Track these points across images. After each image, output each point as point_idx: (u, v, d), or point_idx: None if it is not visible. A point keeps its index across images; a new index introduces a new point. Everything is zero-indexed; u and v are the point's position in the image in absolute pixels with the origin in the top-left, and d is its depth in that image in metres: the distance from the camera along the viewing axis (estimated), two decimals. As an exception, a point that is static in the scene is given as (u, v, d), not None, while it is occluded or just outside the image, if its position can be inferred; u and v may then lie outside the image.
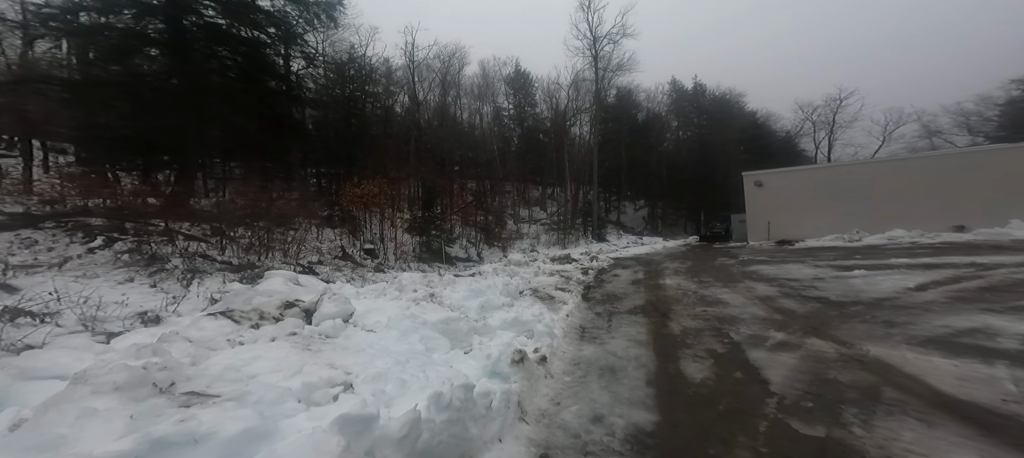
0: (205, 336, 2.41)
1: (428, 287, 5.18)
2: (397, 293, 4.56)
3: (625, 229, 34.54)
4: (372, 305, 3.90)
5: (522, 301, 5.93)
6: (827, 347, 3.71)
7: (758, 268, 9.46)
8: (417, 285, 5.11)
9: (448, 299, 4.99)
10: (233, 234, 8.58)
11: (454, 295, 5.10)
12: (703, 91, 45.23)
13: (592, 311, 6.02)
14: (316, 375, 1.93)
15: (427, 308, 4.07)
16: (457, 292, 5.25)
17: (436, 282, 5.47)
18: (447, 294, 5.14)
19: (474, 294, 5.31)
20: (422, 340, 2.91)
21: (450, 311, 4.46)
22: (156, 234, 7.53)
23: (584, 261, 13.82)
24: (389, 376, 1.90)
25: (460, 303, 4.98)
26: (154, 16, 10.79)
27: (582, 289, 8.25)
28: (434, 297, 4.78)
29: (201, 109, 11.38)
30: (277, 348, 2.31)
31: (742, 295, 6.29)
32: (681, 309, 5.72)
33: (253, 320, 2.78)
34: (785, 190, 18.19)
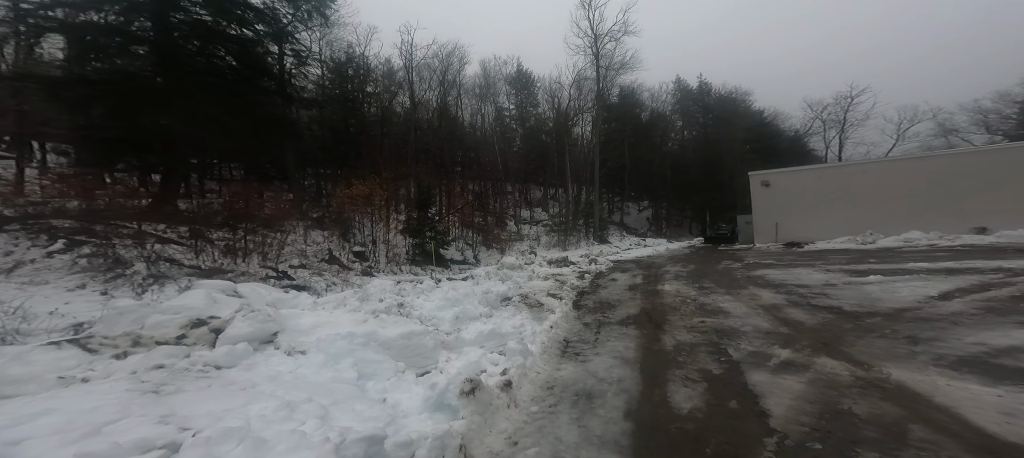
0: (27, 373, 1.93)
1: (399, 295, 4.76)
2: (359, 304, 4.15)
3: (628, 230, 33.89)
4: (323, 319, 3.49)
5: (503, 310, 5.49)
6: (840, 369, 3.21)
7: (764, 272, 8.89)
8: (386, 293, 4.69)
9: (419, 309, 4.57)
10: (210, 237, 8.28)
11: (427, 305, 4.68)
12: (708, 90, 44.44)
13: (581, 321, 5.55)
14: (125, 436, 1.48)
15: (387, 322, 3.64)
16: (431, 301, 4.83)
17: (408, 290, 5.05)
18: (419, 303, 4.72)
19: (450, 303, 4.88)
20: (357, 365, 2.48)
21: (417, 324, 4.04)
22: (128, 237, 7.24)
23: (582, 264, 13.33)
24: (249, 431, 1.45)
25: (432, 314, 4.56)
26: (140, 13, 10.60)
27: (575, 295, 7.79)
28: (403, 307, 4.36)
29: (189, 108, 11.16)
30: (102, 392, 1.84)
31: (745, 303, 5.77)
32: (677, 320, 5.23)
33: (121, 347, 2.37)
34: (794, 190, 17.49)
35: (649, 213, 40.07)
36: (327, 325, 3.29)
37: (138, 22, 10.69)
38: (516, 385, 2.99)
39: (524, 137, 38.07)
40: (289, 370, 2.37)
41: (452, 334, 4.35)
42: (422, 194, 15.22)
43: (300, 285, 6.92)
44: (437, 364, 3.59)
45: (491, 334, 4.55)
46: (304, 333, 3.05)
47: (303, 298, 4.14)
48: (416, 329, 3.63)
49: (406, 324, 3.67)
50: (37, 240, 6.35)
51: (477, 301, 5.01)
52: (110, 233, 7.04)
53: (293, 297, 4.10)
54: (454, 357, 3.79)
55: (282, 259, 8.77)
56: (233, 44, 12.08)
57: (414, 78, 27.32)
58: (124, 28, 10.45)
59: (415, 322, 4.05)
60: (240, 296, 3.25)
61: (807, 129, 36.58)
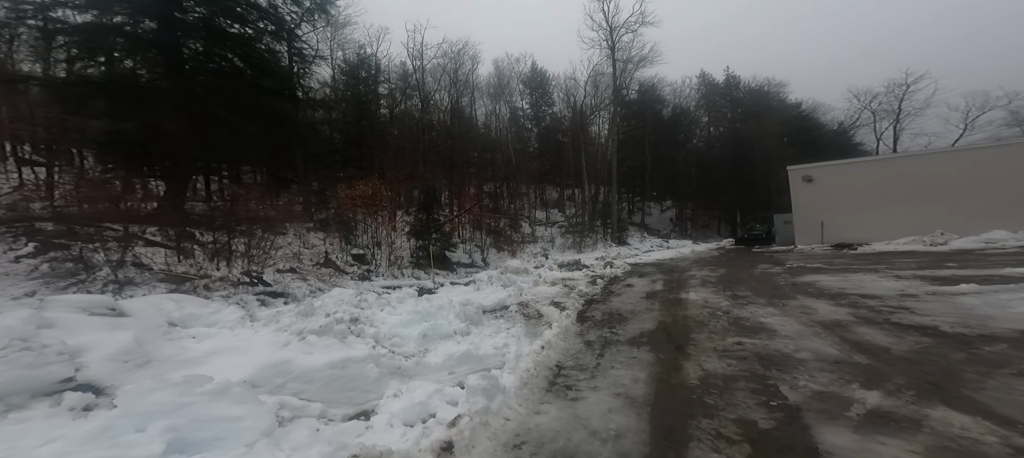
0: None
1: (357, 308, 3.96)
2: (294, 320, 3.37)
3: (649, 232, 32.04)
4: (230, 344, 2.73)
5: (486, 325, 4.57)
6: (976, 429, 2.05)
7: (814, 279, 7.46)
8: (341, 305, 3.89)
9: (378, 326, 3.74)
10: (202, 240, 7.91)
11: (390, 320, 3.85)
12: (736, 83, 41.74)
13: (582, 338, 4.54)
14: None
15: (316, 346, 2.83)
16: (396, 315, 3.99)
17: (371, 302, 4.22)
18: (381, 318, 3.89)
19: (420, 317, 4.02)
20: (183, 429, 1.60)
21: (364, 347, 3.20)
22: (114, 240, 6.93)
23: (596, 268, 12.18)
24: None
25: (393, 332, 3.71)
26: (145, 14, 10.61)
27: (581, 304, 6.75)
28: (356, 324, 3.54)
29: (194, 109, 11.08)
30: None
31: (796, 319, 4.55)
32: (705, 339, 4.11)
33: None
34: (842, 186, 15.44)
35: (672, 213, 37.87)
36: (230, 352, 2.52)
37: (143, 23, 10.72)
38: (464, 445, 2.06)
39: (539, 137, 37.08)
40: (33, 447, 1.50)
41: (414, 357, 3.48)
42: (427, 195, 14.59)
43: (277, 292, 6.33)
44: (380, 401, 2.73)
45: (465, 357, 3.65)
46: (180, 366, 2.30)
47: (227, 314, 3.39)
48: (354, 355, 2.78)
49: (341, 349, 2.84)
50: (14, 244, 6.11)
51: (453, 315, 4.12)
52: (94, 236, 6.74)
53: (213, 312, 3.38)
54: (407, 390, 2.91)
55: (272, 263, 8.30)
56: (237, 43, 11.98)
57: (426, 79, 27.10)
58: (128, 29, 10.51)
59: (363, 344, 3.21)
60: (124, 315, 2.58)
61: (853, 121, 33.19)
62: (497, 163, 30.38)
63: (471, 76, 31.65)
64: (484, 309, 6.63)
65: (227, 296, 5.44)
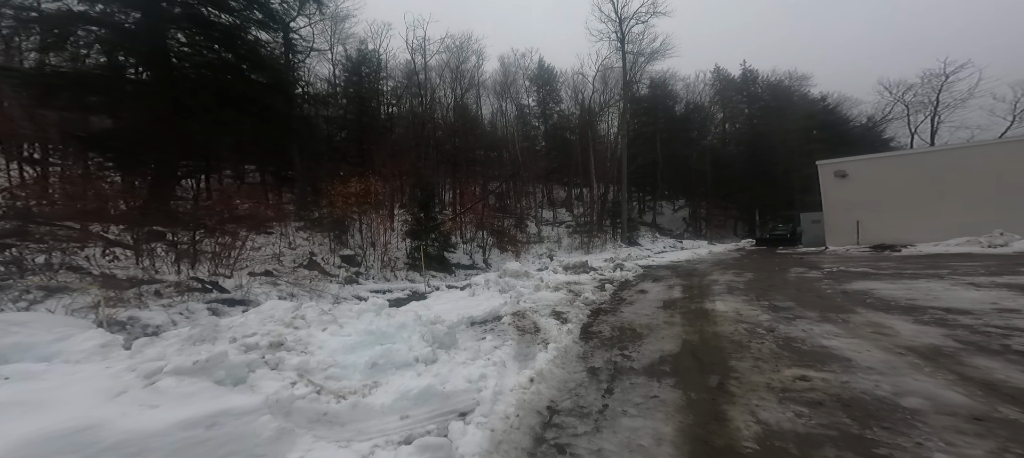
0: None
1: (289, 327, 3.06)
2: (184, 347, 2.47)
3: (661, 232, 30.66)
4: (27, 392, 1.81)
5: (463, 347, 3.62)
6: None
7: (867, 286, 6.28)
8: (266, 325, 3.00)
9: (311, 353, 2.83)
10: (172, 240, 7.21)
11: (331, 343, 2.94)
12: (754, 77, 39.96)
13: (585, 364, 3.56)
14: None
15: (169, 394, 1.93)
16: (341, 337, 3.08)
17: (311, 319, 3.30)
18: (320, 341, 2.99)
19: (372, 339, 3.11)
20: None
21: (277, 384, 2.30)
22: (70, 241, 6.26)
23: (605, 270, 11.13)
24: None
25: (331, 360, 2.80)
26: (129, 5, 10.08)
27: (587, 315, 5.76)
28: (277, 350, 2.65)
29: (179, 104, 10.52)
30: None
31: (871, 342, 3.47)
32: (751, 369, 3.08)
33: None
34: (881, 181, 13.97)
35: (686, 213, 36.33)
36: (19, 409, 1.64)
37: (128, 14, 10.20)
38: None
39: (547, 135, 36.08)
40: None
41: (354, 396, 2.56)
42: (424, 193, 13.77)
43: (235, 299, 5.53)
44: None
45: (425, 395, 2.71)
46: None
47: (78, 343, 2.44)
48: (239, 405, 1.88)
49: (217, 397, 1.93)
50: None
51: (417, 335, 3.19)
52: (46, 236, 6.08)
53: (57, 340, 2.44)
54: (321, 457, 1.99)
55: (245, 265, 7.56)
56: (223, 33, 11.40)
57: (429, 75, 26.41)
58: (110, 19, 9.99)
59: (273, 382, 2.30)
60: None
61: (884, 114, 31.00)
62: (503, 162, 29.51)
63: (476, 73, 30.97)
64: (473, 320, 5.71)
65: (168, 306, 4.68)
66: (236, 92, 12.47)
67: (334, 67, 22.00)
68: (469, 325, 5.57)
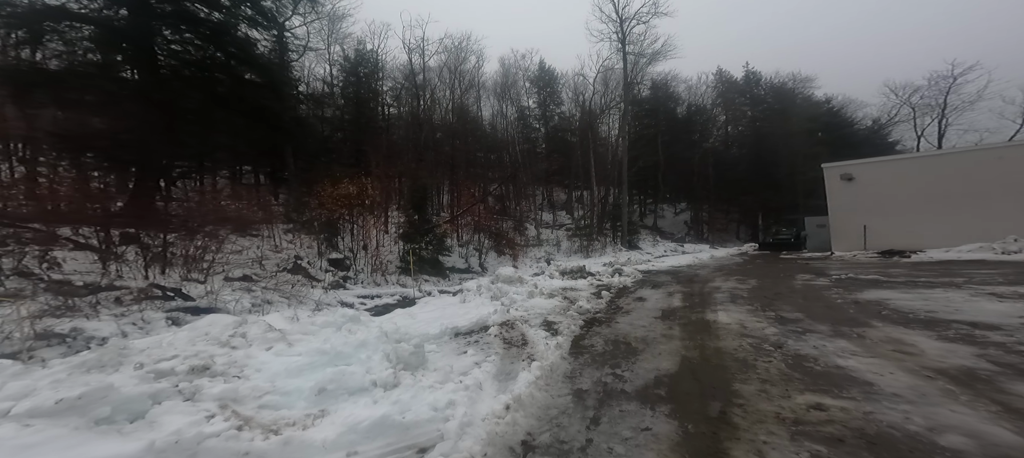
0: None
1: (225, 347, 2.67)
2: (73, 375, 2.07)
3: (663, 235, 30.22)
4: None
5: (433, 368, 3.24)
6: None
7: (880, 296, 5.87)
8: (196, 344, 2.61)
9: (246, 377, 2.46)
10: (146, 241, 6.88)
11: (274, 365, 2.57)
12: (757, 79, 39.59)
13: (572, 385, 3.18)
14: None
15: (31, 436, 1.57)
16: (288, 356, 2.70)
17: (253, 337, 2.88)
18: (259, 363, 2.61)
19: (325, 360, 2.74)
20: None
21: (186, 419, 1.93)
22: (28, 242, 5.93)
23: (603, 276, 10.75)
24: None
25: (271, 385, 2.43)
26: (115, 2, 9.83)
27: (580, 326, 5.38)
28: (202, 374, 2.28)
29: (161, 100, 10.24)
30: None
31: (894, 362, 3.07)
32: (758, 395, 2.69)
33: None
34: (888, 185, 13.52)
35: (687, 216, 35.86)
36: None
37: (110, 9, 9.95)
38: None
39: (547, 137, 35.76)
40: None
41: (291, 429, 2.19)
42: (417, 194, 13.43)
43: (200, 308, 5.17)
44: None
45: (379, 426, 2.34)
46: None
47: None
48: (107, 456, 1.49)
49: (66, 451, 1.55)
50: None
51: (379, 354, 2.81)
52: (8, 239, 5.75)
53: None
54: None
55: (221, 269, 7.21)
56: (210, 30, 11.12)
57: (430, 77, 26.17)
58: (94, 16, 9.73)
59: (185, 415, 1.94)
60: None
61: (890, 117, 30.46)
62: (504, 164, 29.17)
63: (476, 74, 30.70)
64: (457, 331, 5.33)
65: (121, 315, 4.32)
66: (226, 91, 12.18)
67: (331, 67, 21.79)
68: (453, 336, 5.21)
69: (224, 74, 12.23)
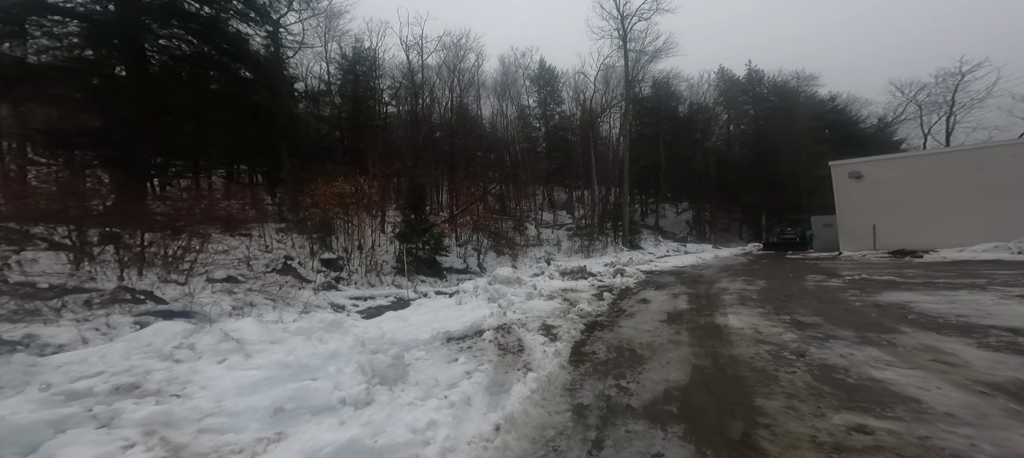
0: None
1: (169, 362, 2.33)
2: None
3: (664, 235, 29.83)
4: None
5: (415, 382, 2.90)
6: None
7: (901, 298, 5.51)
8: (128, 360, 2.24)
9: (187, 397, 2.13)
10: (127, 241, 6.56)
11: (224, 381, 2.24)
12: (760, 78, 39.17)
13: (571, 400, 2.84)
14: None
15: None
16: (243, 371, 2.37)
17: (204, 348, 2.52)
18: (207, 379, 2.28)
19: (288, 374, 2.40)
20: None
21: (102, 448, 1.59)
22: None
23: (605, 276, 10.40)
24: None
25: (218, 405, 2.10)
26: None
27: (581, 330, 5.04)
28: (130, 394, 1.95)
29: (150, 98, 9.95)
30: None
31: (936, 373, 2.72)
32: (785, 414, 2.34)
33: None
34: (899, 183, 13.12)
35: (689, 216, 35.47)
36: None
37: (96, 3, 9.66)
38: None
39: (547, 136, 35.42)
40: None
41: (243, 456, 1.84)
42: (413, 193, 13.10)
43: (174, 311, 4.83)
44: None
45: (343, 454, 2.00)
46: None
47: None
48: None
49: None
50: None
51: (351, 367, 2.47)
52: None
53: None
54: None
55: (204, 270, 6.89)
56: (200, 24, 10.83)
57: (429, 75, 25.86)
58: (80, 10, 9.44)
59: (88, 451, 1.59)
60: None
61: (896, 115, 29.97)
62: (504, 163, 28.83)
63: (476, 73, 30.37)
64: (449, 336, 5.00)
65: (84, 320, 4.00)
66: (218, 88, 11.89)
67: (328, 65, 21.49)
68: (444, 342, 4.87)
69: (216, 70, 11.94)
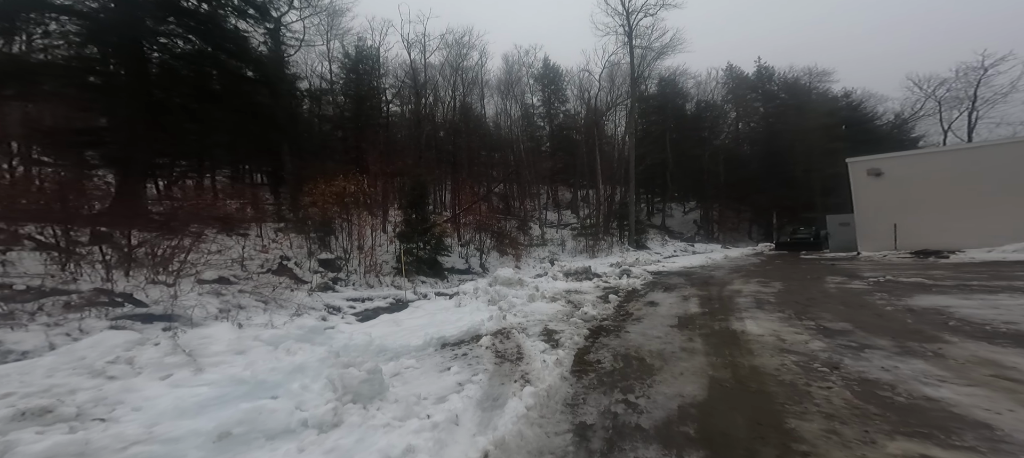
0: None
1: (101, 378, 2.00)
2: None
3: (671, 235, 29.24)
4: None
5: (393, 398, 2.58)
6: None
7: (935, 302, 5.06)
8: (50, 377, 1.87)
9: (113, 421, 1.82)
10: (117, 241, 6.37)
11: (162, 401, 1.92)
12: (770, 74, 38.30)
13: (572, 419, 2.50)
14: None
15: None
16: (188, 387, 2.05)
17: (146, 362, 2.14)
18: (143, 397, 1.97)
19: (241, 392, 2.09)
20: None
21: None
22: None
23: (610, 277, 10.02)
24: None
25: (142, 433, 1.78)
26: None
27: (585, 336, 4.69)
28: (35, 420, 1.65)
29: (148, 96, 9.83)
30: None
31: (1002, 392, 2.32)
32: (826, 438, 1.97)
33: None
34: (921, 180, 12.49)
35: (697, 215, 34.78)
36: None
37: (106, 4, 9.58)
38: None
39: (552, 135, 35.02)
40: None
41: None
42: (414, 192, 12.83)
43: (155, 315, 4.58)
44: None
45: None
46: None
47: None
48: None
49: None
50: None
51: (319, 383, 2.15)
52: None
53: None
54: None
55: (194, 271, 6.67)
56: (197, 21, 10.70)
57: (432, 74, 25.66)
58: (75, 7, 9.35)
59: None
60: None
61: (914, 111, 28.94)
62: (509, 162, 28.51)
63: (479, 71, 30.10)
64: (444, 342, 4.68)
65: (54, 325, 3.76)
66: (218, 86, 11.76)
67: (331, 64, 21.39)
68: (438, 348, 4.55)
69: (215, 69, 11.81)
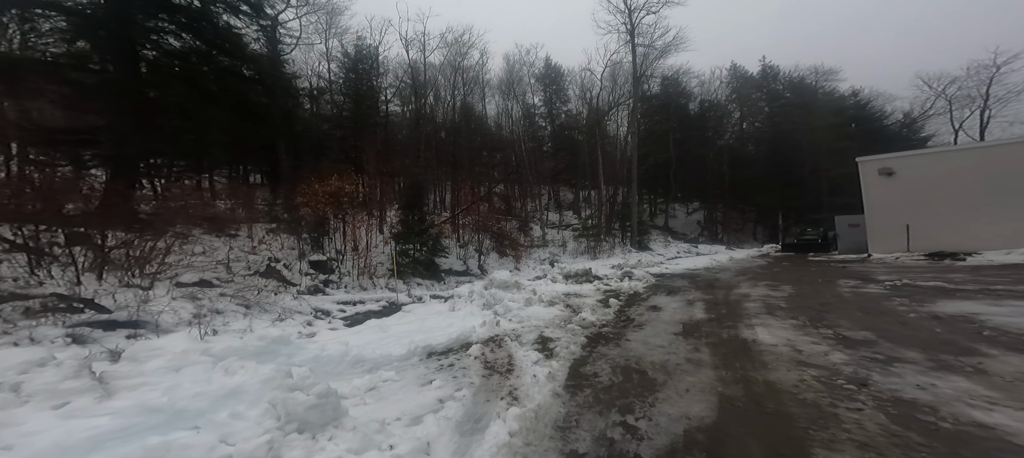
0: None
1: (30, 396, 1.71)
2: None
3: (674, 236, 28.76)
4: None
5: (343, 433, 2.24)
6: None
7: (961, 308, 4.66)
8: None
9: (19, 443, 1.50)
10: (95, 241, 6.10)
11: (46, 437, 1.58)
12: (775, 73, 37.73)
13: (563, 446, 2.16)
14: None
15: None
16: (87, 418, 1.72)
17: (37, 389, 1.78)
18: (25, 429, 1.65)
19: (156, 422, 1.78)
20: None
21: None
22: None
23: (611, 279, 9.64)
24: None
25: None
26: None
27: (583, 344, 4.34)
28: None
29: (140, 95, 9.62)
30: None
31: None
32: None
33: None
34: (935, 180, 12.02)
35: (700, 216, 34.26)
36: None
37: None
38: None
39: (553, 135, 34.67)
40: None
41: None
42: (411, 192, 12.55)
43: (119, 321, 4.28)
44: None
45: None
46: None
47: None
48: None
49: None
50: None
51: (262, 409, 1.82)
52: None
53: None
54: None
55: (174, 273, 6.39)
56: (189, 18, 10.47)
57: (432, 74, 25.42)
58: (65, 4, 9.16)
59: None
60: None
61: (924, 110, 28.29)
62: (509, 162, 28.17)
63: (480, 71, 29.83)
64: (430, 351, 4.36)
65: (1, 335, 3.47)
66: (211, 84, 11.53)
67: (329, 62, 21.19)
68: (423, 357, 4.22)
69: (208, 66, 11.59)
